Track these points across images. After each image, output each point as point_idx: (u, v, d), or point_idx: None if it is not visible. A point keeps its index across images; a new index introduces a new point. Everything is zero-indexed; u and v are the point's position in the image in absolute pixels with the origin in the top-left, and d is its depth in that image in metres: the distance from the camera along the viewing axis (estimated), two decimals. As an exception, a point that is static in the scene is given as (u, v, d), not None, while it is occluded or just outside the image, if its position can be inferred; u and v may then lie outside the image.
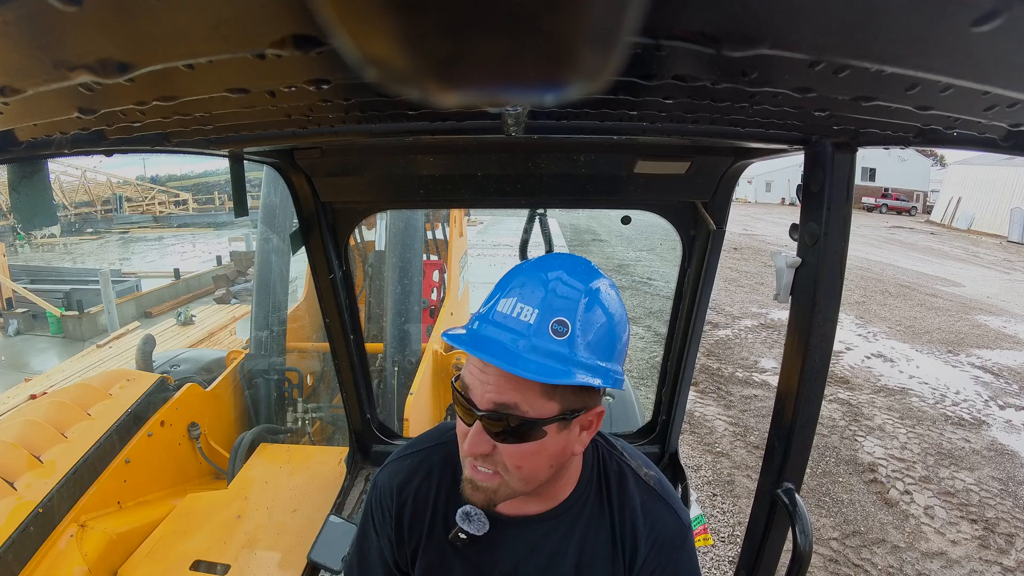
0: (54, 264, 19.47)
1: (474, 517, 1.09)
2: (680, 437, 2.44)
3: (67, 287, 13.03)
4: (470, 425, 0.95)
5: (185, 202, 35.55)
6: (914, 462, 6.05)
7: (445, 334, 0.97)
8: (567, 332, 0.90)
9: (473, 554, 1.12)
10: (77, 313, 11.86)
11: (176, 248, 23.55)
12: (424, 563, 1.15)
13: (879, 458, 6.10)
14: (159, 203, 34.84)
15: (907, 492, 5.50)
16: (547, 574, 1.11)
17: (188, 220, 31.87)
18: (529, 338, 0.89)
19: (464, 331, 0.96)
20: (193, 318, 10.49)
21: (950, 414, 7.23)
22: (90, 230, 28.99)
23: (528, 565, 1.11)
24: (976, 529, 4.98)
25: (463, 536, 1.09)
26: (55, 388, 6.26)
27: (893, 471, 5.86)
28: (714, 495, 5.36)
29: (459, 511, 1.10)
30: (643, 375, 8.00)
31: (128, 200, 33.88)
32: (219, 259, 17.22)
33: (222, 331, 10.13)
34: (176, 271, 15.53)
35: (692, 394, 7.41)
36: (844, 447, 6.30)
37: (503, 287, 0.97)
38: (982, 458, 6.16)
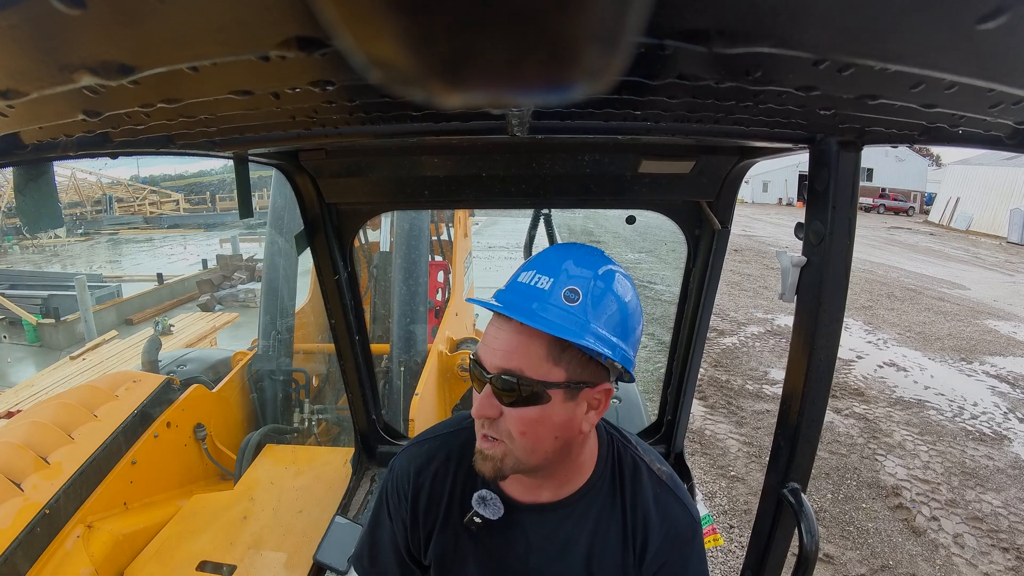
0: (42, 267, 18.82)
1: (490, 502, 1.12)
2: (685, 440, 2.43)
3: (46, 293, 12.11)
4: (480, 392, 1.01)
5: (178, 202, 34.43)
6: (938, 483, 5.73)
7: (469, 298, 1.05)
8: (578, 299, 0.96)
9: (486, 539, 1.14)
10: (53, 321, 11.26)
11: (165, 250, 22.72)
12: (438, 548, 1.17)
13: (902, 479, 5.78)
14: (150, 204, 33.74)
15: (934, 518, 5.20)
16: (559, 561, 1.13)
17: (178, 221, 30.90)
18: (543, 301, 0.97)
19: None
20: (172, 328, 9.59)
21: (970, 428, 6.93)
22: (80, 231, 28.22)
23: (540, 552, 1.13)
24: (1008, 559, 4.69)
25: (478, 520, 1.11)
26: (21, 405, 6.20)
27: (918, 494, 5.55)
28: (731, 527, 4.93)
29: (475, 495, 1.12)
30: (648, 388, 7.54)
31: (119, 201, 33.00)
32: (204, 262, 16.22)
33: (202, 342, 8.93)
34: (159, 275, 14.44)
35: (702, 410, 7.18)
36: (864, 468, 5.97)
37: (524, 266, 1.06)
38: (1007, 477, 5.89)
